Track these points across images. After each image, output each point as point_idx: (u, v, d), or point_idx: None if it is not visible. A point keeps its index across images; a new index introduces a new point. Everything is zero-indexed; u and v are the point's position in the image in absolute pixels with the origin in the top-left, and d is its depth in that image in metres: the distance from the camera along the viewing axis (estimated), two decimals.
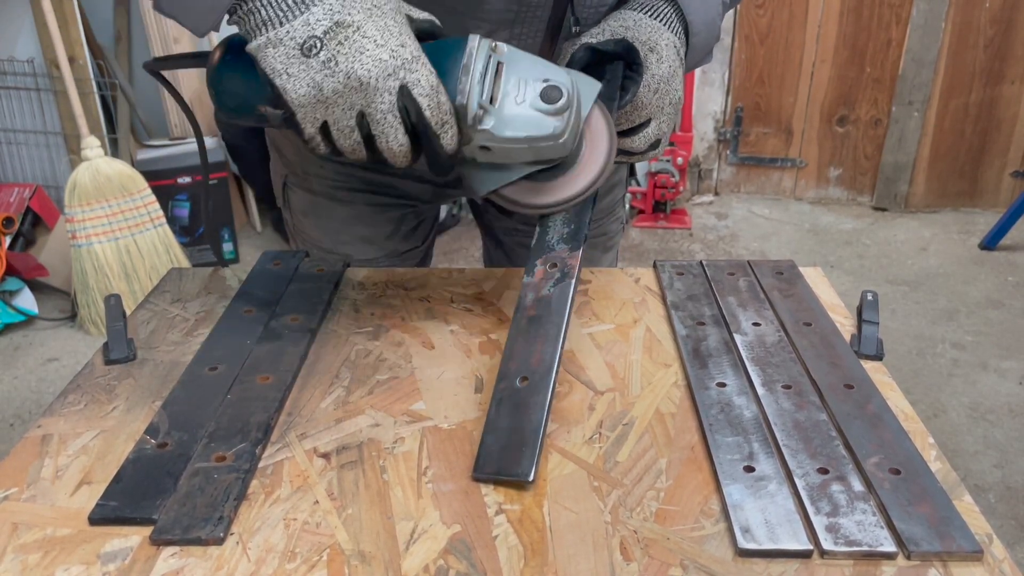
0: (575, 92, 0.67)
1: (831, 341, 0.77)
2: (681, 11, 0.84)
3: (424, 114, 0.62)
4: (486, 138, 0.66)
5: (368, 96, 0.61)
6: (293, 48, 0.60)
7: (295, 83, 0.61)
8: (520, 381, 0.65)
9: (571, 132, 0.68)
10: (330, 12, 0.60)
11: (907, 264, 3.01)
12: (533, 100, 0.66)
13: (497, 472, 0.60)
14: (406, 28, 0.63)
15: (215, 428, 0.65)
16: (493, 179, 0.71)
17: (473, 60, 0.65)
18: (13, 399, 2.28)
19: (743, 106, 3.38)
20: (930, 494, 0.58)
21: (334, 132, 0.63)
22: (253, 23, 0.61)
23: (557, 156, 0.69)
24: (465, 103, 0.64)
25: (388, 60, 0.60)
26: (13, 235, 2.70)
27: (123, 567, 0.53)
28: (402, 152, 0.64)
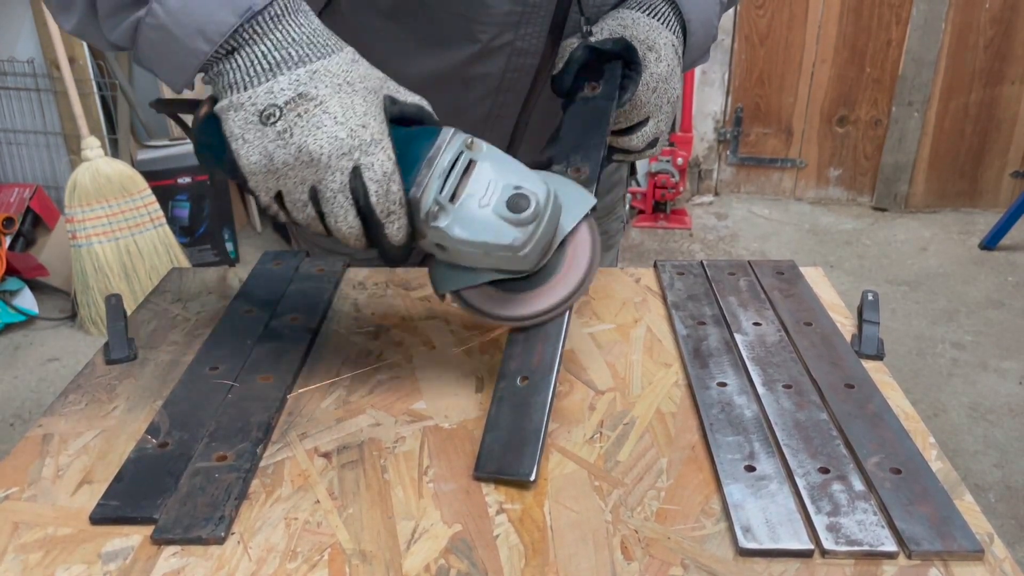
0: (548, 205, 0.63)
1: (832, 341, 0.77)
2: (679, 10, 0.84)
3: (371, 200, 0.60)
4: (439, 236, 0.62)
5: (319, 173, 0.59)
6: (252, 114, 0.59)
7: (248, 149, 0.59)
8: (520, 380, 0.64)
9: (535, 247, 0.63)
10: (296, 83, 0.59)
11: (907, 264, 3.01)
12: (497, 205, 0.62)
13: (498, 471, 0.59)
14: (375, 109, 0.61)
15: (216, 428, 0.65)
16: (455, 279, 0.67)
17: (440, 153, 0.62)
18: (13, 399, 2.28)
19: (743, 106, 3.38)
20: (931, 494, 0.58)
21: (287, 204, 0.62)
22: (221, 85, 0.60)
23: (517, 269, 0.65)
24: (419, 196, 0.61)
25: (344, 139, 0.58)
26: (13, 235, 2.71)
27: (124, 567, 0.53)
28: (352, 235, 0.62)
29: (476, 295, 0.68)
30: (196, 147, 0.66)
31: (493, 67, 0.84)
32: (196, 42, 0.58)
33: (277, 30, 0.60)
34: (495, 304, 0.68)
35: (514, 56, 0.83)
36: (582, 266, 0.68)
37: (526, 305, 0.68)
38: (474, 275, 0.66)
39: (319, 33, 0.62)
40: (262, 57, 0.59)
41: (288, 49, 0.60)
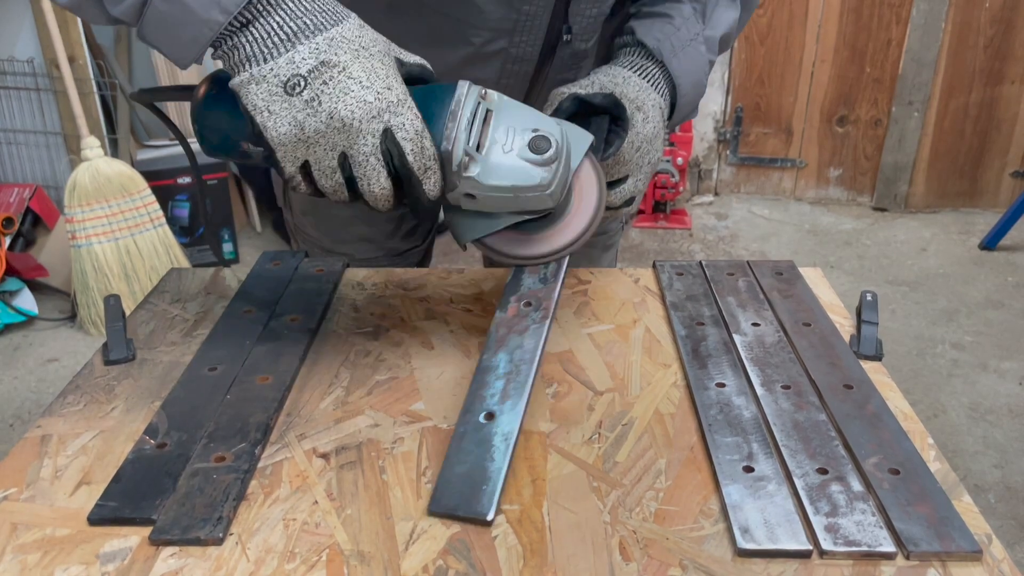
0: (564, 144, 0.66)
1: (830, 341, 0.77)
2: (668, 73, 0.85)
3: (407, 159, 0.61)
4: (471, 186, 0.65)
5: (351, 137, 0.60)
6: (276, 85, 0.59)
7: (276, 121, 0.60)
8: (485, 417, 0.62)
9: (559, 184, 0.66)
10: (316, 51, 0.59)
11: (907, 264, 3.01)
12: (521, 149, 0.65)
13: (455, 508, 0.57)
14: (394, 71, 0.62)
15: (214, 428, 0.64)
16: (478, 227, 0.70)
17: (461, 106, 0.64)
18: (13, 399, 2.28)
19: (743, 106, 3.38)
20: (929, 494, 0.58)
21: (315, 172, 0.62)
22: (237, 59, 0.60)
23: (544, 207, 0.68)
24: (450, 149, 0.63)
25: (373, 102, 0.60)
26: (13, 235, 2.70)
27: (122, 567, 0.53)
28: (384, 196, 0.63)
29: (497, 239, 0.71)
30: (199, 131, 0.66)
31: (487, 73, 0.84)
32: (211, 12, 0.58)
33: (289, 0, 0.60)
34: (516, 246, 0.71)
35: (508, 63, 0.83)
36: (591, 202, 0.71)
37: (545, 243, 0.71)
38: (496, 221, 0.69)
39: (327, 2, 0.62)
40: (278, 28, 0.60)
41: (303, 18, 0.60)
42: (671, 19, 0.87)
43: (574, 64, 0.89)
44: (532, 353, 0.66)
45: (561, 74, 0.88)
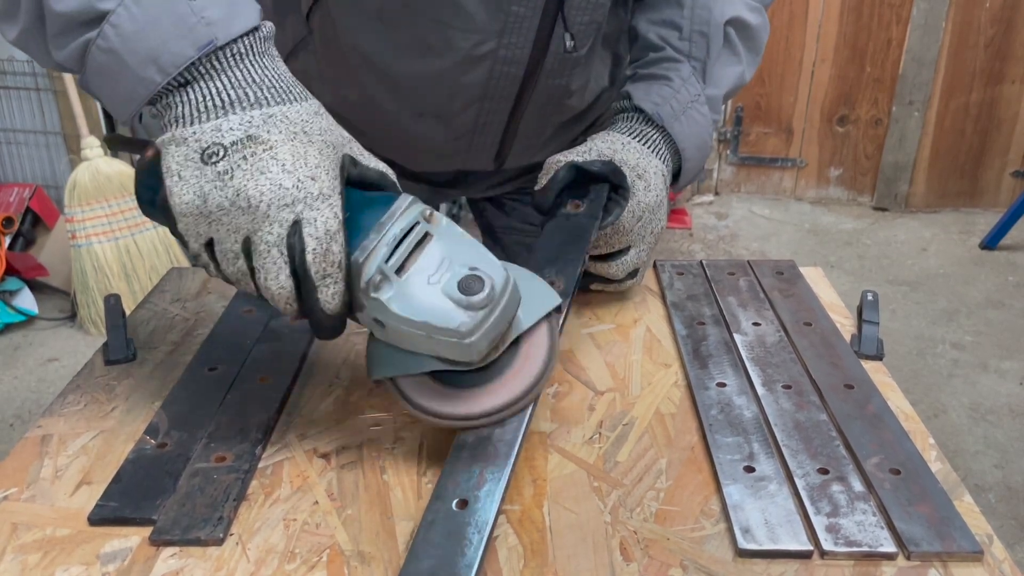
0: (505, 292, 0.57)
1: (831, 341, 0.77)
2: (670, 137, 0.83)
3: (307, 258, 0.54)
4: (379, 310, 0.56)
5: (256, 222, 0.54)
6: (195, 151, 0.54)
7: (182, 187, 0.54)
8: (457, 505, 0.55)
9: (484, 335, 0.56)
10: (247, 124, 0.55)
11: (907, 264, 3.01)
12: (448, 285, 0.56)
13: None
14: (330, 164, 0.56)
15: (215, 428, 0.64)
16: (392, 364, 0.60)
17: (394, 220, 0.57)
18: (13, 399, 2.28)
19: (743, 106, 3.38)
20: (930, 494, 0.58)
21: (218, 254, 0.56)
22: (168, 118, 0.57)
23: (463, 359, 0.57)
24: (362, 261, 0.55)
25: (289, 188, 0.53)
26: (13, 235, 2.70)
27: (122, 567, 0.53)
28: (283, 296, 0.55)
29: (414, 386, 0.61)
30: (136, 188, 0.60)
31: (476, 75, 0.83)
32: (148, 71, 0.55)
33: (238, 68, 0.57)
34: (434, 399, 0.60)
35: (498, 65, 0.83)
36: (535, 368, 0.61)
37: (467, 403, 0.60)
38: (414, 361, 0.59)
39: (283, 79, 0.58)
40: (216, 94, 0.56)
41: (245, 89, 0.56)
42: (669, 81, 0.85)
43: (566, 70, 0.88)
44: (514, 434, 0.59)
45: (553, 79, 0.88)
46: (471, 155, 0.94)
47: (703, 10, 0.86)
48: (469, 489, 0.56)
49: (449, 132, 0.89)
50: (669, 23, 0.88)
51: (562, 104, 0.92)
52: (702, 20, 0.86)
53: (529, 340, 0.62)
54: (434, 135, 0.90)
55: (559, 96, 0.90)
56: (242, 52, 0.57)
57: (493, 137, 0.92)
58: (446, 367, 0.59)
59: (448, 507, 0.55)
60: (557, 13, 0.81)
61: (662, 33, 0.88)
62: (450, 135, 0.90)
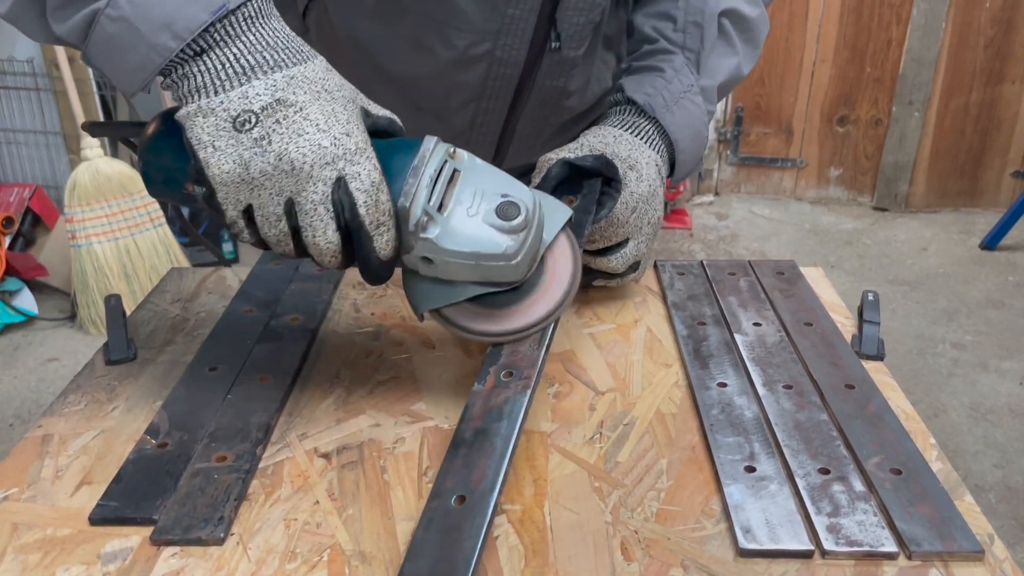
0: (536, 212, 0.61)
1: (832, 341, 0.77)
2: (663, 128, 0.83)
3: (359, 211, 0.56)
4: (428, 248, 0.60)
5: (300, 183, 0.55)
6: (225, 120, 0.55)
7: (220, 157, 0.55)
8: (456, 501, 0.55)
9: (526, 255, 0.61)
10: (272, 88, 0.55)
11: (907, 264, 3.01)
12: (487, 214, 0.60)
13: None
14: (356, 118, 0.58)
15: (215, 428, 0.64)
16: (436, 295, 0.63)
17: (425, 162, 0.59)
18: (13, 399, 2.28)
19: (743, 106, 3.38)
20: (931, 494, 0.58)
21: (258, 218, 0.57)
22: (186, 89, 0.56)
23: (508, 280, 0.62)
24: (408, 206, 0.58)
25: (328, 147, 0.55)
26: (13, 235, 2.70)
27: (123, 567, 0.53)
28: (330, 250, 0.58)
29: (458, 312, 0.65)
30: (144, 168, 0.61)
31: (473, 75, 0.83)
32: (162, 37, 0.54)
33: (251, 32, 0.57)
34: (477, 320, 0.65)
35: (494, 65, 0.82)
36: (564, 278, 0.66)
37: (510, 320, 0.65)
38: (457, 290, 0.63)
39: (292, 39, 0.59)
40: (235, 60, 0.56)
41: (263, 53, 0.56)
42: (662, 72, 0.85)
43: (564, 72, 0.88)
44: (510, 429, 0.59)
45: (550, 80, 0.87)
46: None
47: (698, 1, 0.87)
48: (467, 485, 0.56)
49: (446, 130, 0.89)
50: (664, 15, 0.88)
51: (560, 105, 0.92)
52: (696, 11, 0.87)
53: (552, 253, 0.67)
54: (431, 133, 0.90)
55: (557, 97, 0.90)
56: (252, 15, 0.57)
57: (491, 136, 0.91)
58: (486, 290, 0.63)
59: (447, 503, 0.55)
60: (552, 15, 0.81)
61: (657, 25, 0.88)
62: (447, 134, 0.90)
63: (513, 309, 0.65)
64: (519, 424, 0.60)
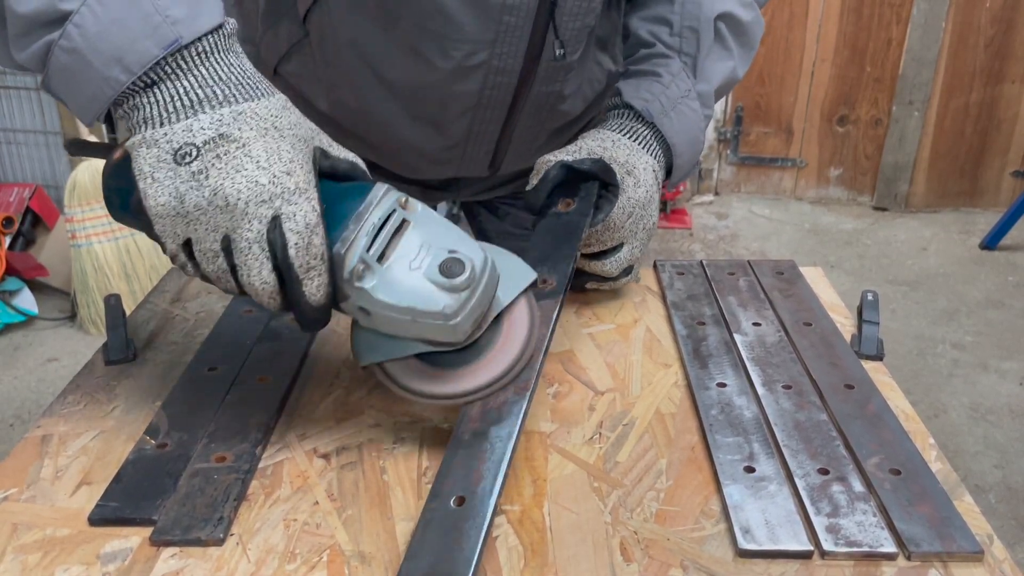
0: (485, 272, 0.58)
1: (831, 341, 0.77)
2: (660, 133, 0.83)
3: (289, 252, 0.54)
4: (364, 299, 0.57)
5: (234, 220, 0.54)
6: (167, 152, 0.54)
7: (157, 189, 0.54)
8: (455, 502, 0.55)
9: (467, 316, 0.58)
10: (218, 122, 0.55)
11: (907, 264, 3.01)
12: (429, 269, 0.57)
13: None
14: (303, 158, 0.57)
15: (215, 428, 0.64)
16: (379, 349, 0.61)
17: (371, 209, 0.57)
18: (13, 399, 2.28)
19: (743, 106, 3.38)
20: (931, 494, 0.58)
21: (197, 253, 0.56)
22: (136, 119, 0.56)
23: (447, 340, 0.59)
24: (343, 252, 0.56)
25: (266, 184, 0.54)
26: (13, 235, 2.70)
27: (123, 568, 0.53)
28: (266, 291, 0.56)
29: (401, 369, 0.62)
30: (104, 192, 0.60)
31: (470, 85, 0.83)
32: (113, 70, 0.54)
33: (203, 66, 0.56)
34: (421, 380, 0.62)
35: (491, 75, 0.82)
36: (517, 343, 0.62)
37: (455, 382, 0.62)
38: (400, 346, 0.60)
39: (250, 75, 0.58)
40: (184, 93, 0.55)
41: (214, 87, 0.56)
42: (659, 77, 0.84)
43: (559, 77, 0.88)
44: (510, 430, 0.59)
45: (546, 86, 0.87)
46: (465, 162, 0.93)
47: (693, 6, 0.86)
48: (467, 486, 0.55)
49: (444, 140, 0.89)
50: (660, 19, 0.88)
51: (556, 110, 0.92)
52: (692, 16, 0.86)
53: (510, 316, 0.63)
54: (428, 142, 0.90)
55: (553, 102, 0.90)
56: (207, 50, 0.57)
57: (487, 145, 0.92)
58: (431, 349, 0.60)
59: (446, 504, 0.55)
60: (549, 21, 0.81)
61: (653, 29, 0.88)
62: (445, 143, 0.90)
63: (459, 371, 0.62)
64: (518, 426, 0.59)
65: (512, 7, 0.77)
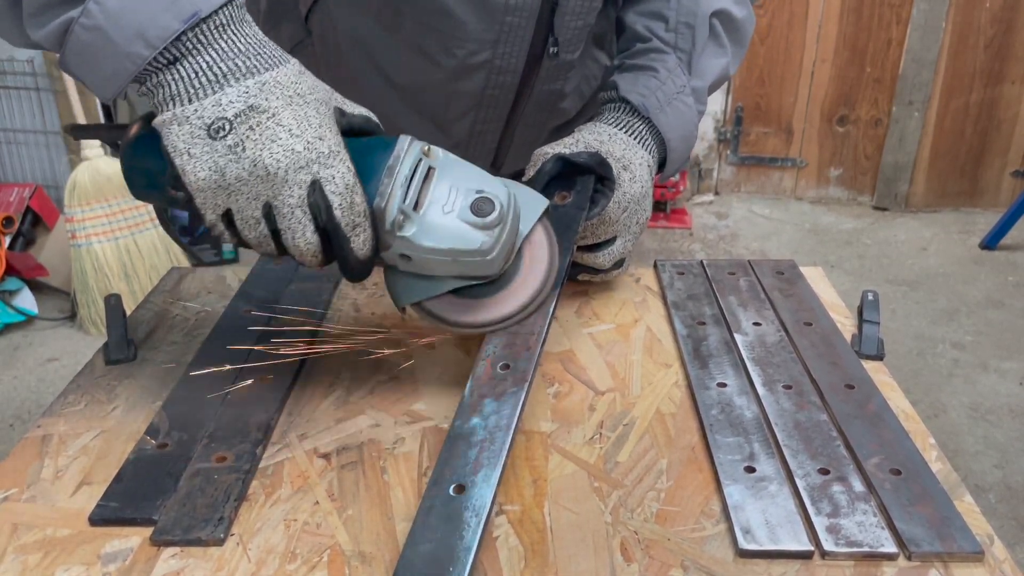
0: (511, 207, 0.63)
1: (832, 341, 0.77)
2: (655, 128, 0.83)
3: (334, 213, 0.57)
4: (406, 246, 0.61)
5: (275, 188, 0.56)
6: (199, 128, 0.55)
7: (195, 165, 0.56)
8: (454, 490, 0.56)
9: (502, 250, 0.62)
10: (245, 95, 0.56)
11: (907, 264, 3.01)
12: (462, 211, 0.61)
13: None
14: (329, 121, 0.59)
15: (215, 428, 0.64)
16: (417, 289, 0.65)
17: (400, 162, 0.60)
18: (13, 399, 2.28)
19: (743, 106, 3.38)
20: (931, 494, 0.58)
21: (238, 222, 0.58)
22: (161, 97, 0.57)
23: (486, 274, 0.64)
24: (383, 206, 0.59)
25: (301, 152, 0.56)
26: (13, 235, 2.70)
27: (123, 568, 0.53)
28: (310, 251, 0.59)
29: (437, 304, 0.66)
30: (126, 171, 0.62)
31: (472, 84, 0.83)
32: (135, 46, 0.55)
33: (223, 39, 0.57)
34: (457, 311, 0.67)
35: (493, 74, 0.82)
36: (541, 268, 0.67)
37: (489, 310, 0.67)
38: (437, 284, 0.65)
39: (265, 44, 0.59)
40: (207, 68, 0.56)
41: (235, 60, 0.57)
42: (655, 73, 0.85)
43: (560, 75, 0.88)
44: (508, 420, 0.60)
45: (547, 85, 0.88)
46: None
47: (690, 2, 0.87)
48: (466, 475, 0.56)
49: (446, 138, 0.90)
50: (656, 14, 0.88)
51: (556, 108, 0.92)
52: (688, 12, 0.87)
53: (530, 244, 0.68)
54: (431, 140, 0.90)
55: (554, 101, 0.90)
56: (224, 23, 0.57)
57: (490, 143, 0.92)
58: (466, 283, 0.65)
59: (446, 492, 0.55)
60: (550, 21, 0.81)
61: (649, 24, 0.88)
62: (447, 141, 0.90)
63: (492, 299, 0.67)
64: (517, 415, 0.60)
65: (514, 7, 0.77)
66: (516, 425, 0.60)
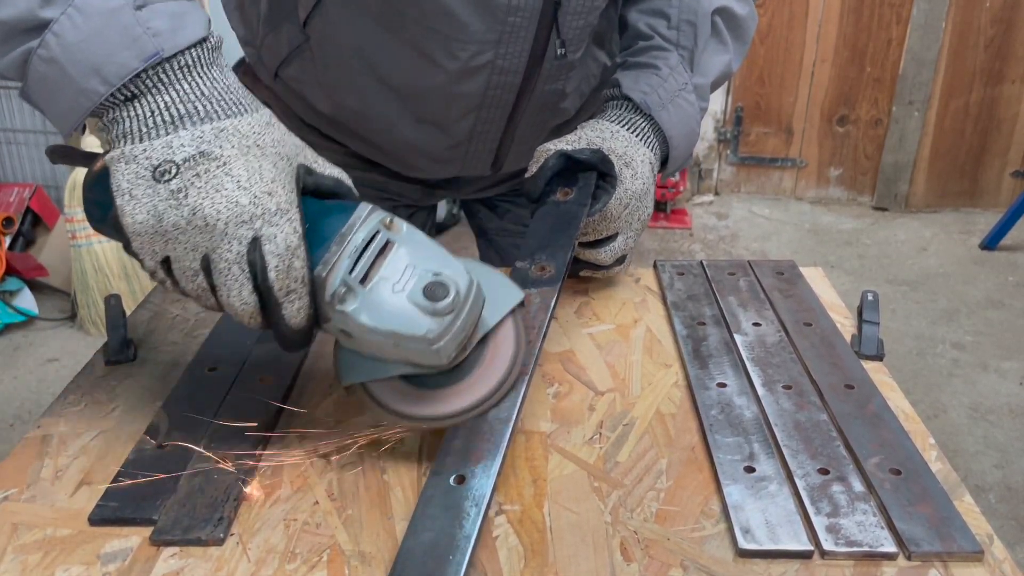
0: (470, 295, 0.57)
1: (831, 341, 0.77)
2: (658, 125, 0.83)
3: (269, 275, 0.53)
4: (345, 322, 0.56)
5: (214, 240, 0.53)
6: (145, 169, 0.53)
7: (134, 207, 0.53)
8: (455, 480, 0.56)
9: (452, 340, 0.56)
10: (199, 139, 0.54)
11: (907, 264, 3.01)
12: (413, 292, 0.56)
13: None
14: (285, 176, 0.56)
15: (215, 428, 0.64)
16: (360, 369, 0.60)
17: (354, 230, 0.56)
18: (13, 399, 2.28)
19: (743, 106, 3.38)
20: (931, 494, 0.58)
21: (176, 271, 0.55)
22: (115, 133, 0.55)
23: (430, 363, 0.58)
24: (324, 275, 0.55)
25: (246, 205, 0.53)
26: (13, 235, 2.71)
27: (123, 568, 0.53)
28: (246, 312, 0.55)
29: (384, 389, 0.61)
30: (84, 202, 0.59)
31: (474, 85, 0.83)
32: (91, 82, 0.53)
33: (186, 80, 0.55)
34: (404, 401, 0.61)
35: (495, 75, 0.83)
36: (502, 365, 0.61)
37: (438, 404, 0.60)
38: (383, 367, 0.59)
39: (233, 90, 0.57)
40: (164, 108, 0.54)
41: (196, 103, 0.55)
42: (658, 70, 0.85)
43: (562, 75, 0.88)
44: (508, 412, 0.60)
45: (549, 84, 0.88)
46: (468, 161, 0.94)
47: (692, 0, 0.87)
48: (466, 465, 0.57)
49: (447, 139, 0.90)
50: (658, 12, 0.88)
51: (557, 108, 0.92)
52: (690, 9, 0.87)
53: (495, 338, 0.62)
54: (432, 142, 0.90)
55: (555, 100, 0.90)
56: (189, 64, 0.56)
57: (490, 144, 0.92)
58: (415, 371, 0.59)
59: (446, 482, 0.56)
60: (552, 21, 0.81)
61: (651, 22, 0.89)
62: (448, 142, 0.90)
63: (441, 392, 0.61)
64: (517, 408, 0.60)
65: (517, 8, 0.77)
66: (517, 418, 0.60)
